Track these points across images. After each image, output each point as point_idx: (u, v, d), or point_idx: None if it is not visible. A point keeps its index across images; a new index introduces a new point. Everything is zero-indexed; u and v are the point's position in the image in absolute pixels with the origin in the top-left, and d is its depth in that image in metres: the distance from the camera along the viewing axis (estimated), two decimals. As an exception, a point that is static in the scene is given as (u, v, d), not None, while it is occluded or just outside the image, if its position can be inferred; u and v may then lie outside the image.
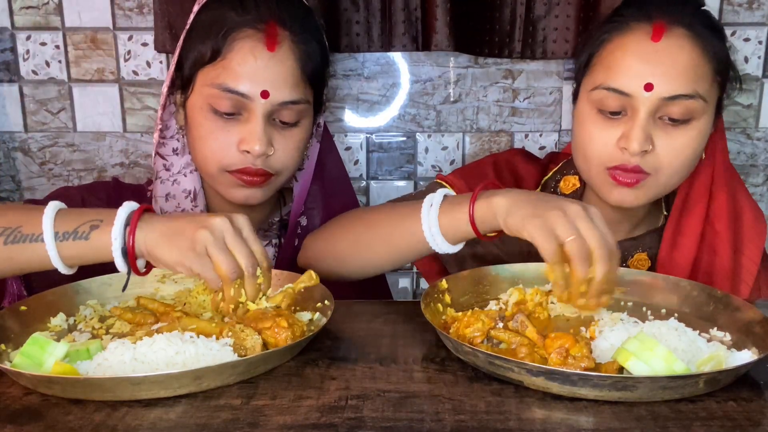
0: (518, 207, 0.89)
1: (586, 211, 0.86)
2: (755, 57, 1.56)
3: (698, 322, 0.92)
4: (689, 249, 1.14)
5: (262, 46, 1.05)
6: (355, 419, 0.69)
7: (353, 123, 1.61)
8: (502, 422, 0.69)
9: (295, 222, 1.22)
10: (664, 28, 1.02)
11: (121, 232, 0.85)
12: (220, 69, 1.05)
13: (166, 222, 0.86)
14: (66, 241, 0.86)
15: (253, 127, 1.06)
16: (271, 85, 1.05)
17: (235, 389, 0.75)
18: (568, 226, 0.84)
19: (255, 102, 1.05)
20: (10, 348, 0.83)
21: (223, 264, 0.83)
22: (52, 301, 0.94)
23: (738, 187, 1.18)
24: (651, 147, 1.03)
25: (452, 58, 1.56)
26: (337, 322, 0.93)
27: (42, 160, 1.61)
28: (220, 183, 1.11)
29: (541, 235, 0.85)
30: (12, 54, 1.55)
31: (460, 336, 0.83)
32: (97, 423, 0.69)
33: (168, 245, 0.84)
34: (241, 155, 1.07)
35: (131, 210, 0.86)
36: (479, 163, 1.30)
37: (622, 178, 1.05)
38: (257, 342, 0.80)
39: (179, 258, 0.83)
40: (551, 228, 0.85)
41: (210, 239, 0.83)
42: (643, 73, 1.02)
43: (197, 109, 1.08)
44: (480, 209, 0.93)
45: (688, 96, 1.02)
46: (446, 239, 0.97)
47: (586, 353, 0.76)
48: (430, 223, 0.97)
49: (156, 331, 0.86)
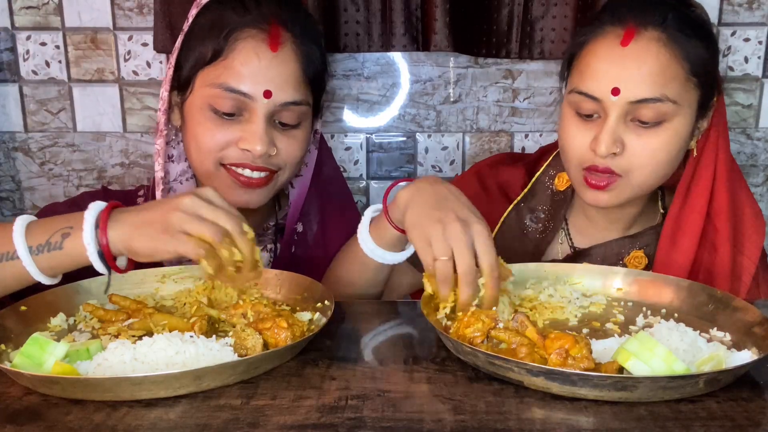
0: (412, 205, 0.93)
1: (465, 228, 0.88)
2: (755, 57, 1.56)
3: (698, 322, 0.92)
4: (689, 247, 1.14)
5: (264, 46, 1.05)
6: (355, 419, 0.69)
7: (353, 123, 1.60)
8: (502, 422, 0.69)
9: (292, 228, 1.21)
10: (635, 31, 1.04)
11: (93, 235, 0.84)
12: (221, 69, 1.05)
13: (136, 214, 0.85)
14: (41, 254, 0.85)
15: (254, 127, 1.05)
16: (273, 86, 1.05)
17: (235, 389, 0.75)
18: (443, 245, 0.87)
19: (257, 102, 1.05)
20: (10, 348, 0.83)
21: (206, 231, 0.82)
22: (52, 301, 0.94)
23: (739, 184, 1.18)
24: (620, 149, 1.05)
25: (452, 58, 1.56)
26: (337, 322, 0.93)
27: (42, 160, 1.61)
28: (217, 183, 1.09)
29: (419, 246, 0.90)
30: (12, 54, 1.55)
31: (460, 336, 0.83)
32: (97, 423, 0.69)
33: (142, 236, 0.83)
34: (240, 152, 1.06)
35: (99, 210, 0.85)
36: (464, 175, 1.34)
37: (593, 180, 1.09)
38: (258, 342, 0.80)
39: (155, 245, 0.82)
40: (428, 241, 0.88)
41: (184, 218, 0.82)
42: (611, 78, 1.04)
43: (196, 108, 1.07)
44: (392, 208, 0.98)
45: (655, 99, 1.04)
46: (386, 248, 1.02)
47: (586, 354, 0.76)
48: (365, 240, 1.02)
49: (128, 327, 0.88)
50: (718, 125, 1.14)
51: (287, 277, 1.01)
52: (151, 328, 0.88)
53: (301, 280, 1.00)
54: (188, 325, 0.85)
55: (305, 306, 0.96)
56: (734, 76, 1.57)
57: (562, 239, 1.24)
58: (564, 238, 1.24)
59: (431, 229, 0.88)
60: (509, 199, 1.26)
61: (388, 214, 0.99)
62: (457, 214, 0.89)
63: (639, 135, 1.06)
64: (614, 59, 1.05)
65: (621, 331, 0.91)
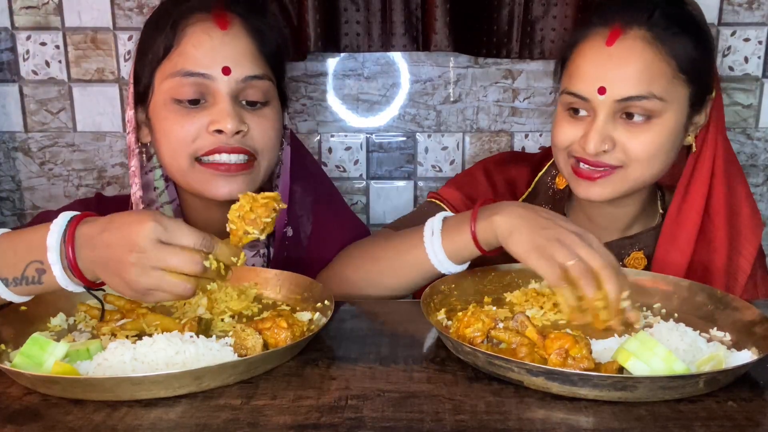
0: (518, 231, 0.94)
1: (582, 238, 0.90)
2: (755, 57, 1.56)
3: (698, 322, 0.92)
4: (687, 245, 1.15)
5: (213, 25, 1.04)
6: (355, 419, 0.69)
7: (353, 123, 1.60)
8: (502, 422, 0.69)
9: (282, 232, 1.18)
10: (620, 31, 1.06)
11: (63, 275, 0.80)
12: (175, 58, 1.04)
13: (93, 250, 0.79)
14: (19, 286, 0.82)
15: (220, 106, 1.03)
16: (230, 61, 1.03)
17: (235, 389, 0.75)
18: (567, 252, 0.88)
19: (218, 81, 1.03)
20: (10, 348, 0.84)
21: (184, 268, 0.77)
22: (52, 301, 0.94)
23: (738, 180, 1.18)
24: (610, 147, 1.07)
25: (452, 58, 1.56)
26: (337, 322, 0.93)
27: (42, 160, 1.61)
28: (195, 179, 1.06)
29: (542, 265, 0.89)
30: (12, 54, 1.55)
31: (460, 336, 0.83)
32: (97, 423, 0.69)
33: (109, 277, 0.79)
34: (212, 137, 1.03)
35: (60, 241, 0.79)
36: (470, 171, 1.33)
37: (584, 171, 1.10)
38: (258, 342, 0.80)
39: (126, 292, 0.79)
40: (551, 256, 0.89)
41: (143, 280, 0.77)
42: (597, 78, 1.06)
43: (160, 106, 1.06)
44: (481, 230, 0.98)
45: (641, 97, 1.05)
46: (453, 261, 1.01)
47: (586, 354, 0.76)
48: (435, 250, 1.01)
49: (120, 327, 0.88)
50: (716, 121, 1.14)
51: (287, 277, 1.01)
52: (144, 328, 0.88)
53: (301, 280, 1.00)
54: (180, 326, 0.85)
55: (305, 306, 0.96)
56: (734, 76, 1.57)
57: None
58: None
59: (549, 246, 0.90)
60: (516, 197, 1.27)
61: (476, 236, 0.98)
62: (568, 229, 0.92)
63: (629, 130, 1.07)
64: (600, 59, 1.07)
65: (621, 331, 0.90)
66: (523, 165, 1.30)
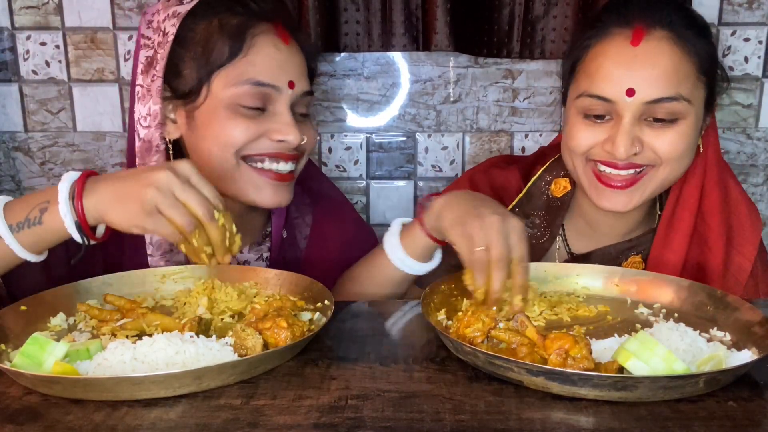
0: (449, 209, 0.97)
1: (502, 221, 0.91)
2: (755, 57, 1.56)
3: (698, 322, 0.92)
4: (680, 245, 1.14)
5: (279, 39, 1.07)
6: (355, 419, 0.69)
7: (353, 123, 1.60)
8: (502, 422, 0.69)
9: (278, 235, 1.20)
10: (644, 31, 1.03)
11: (69, 207, 0.86)
12: (243, 66, 1.04)
13: (112, 184, 0.87)
14: (22, 230, 0.88)
15: (284, 118, 1.06)
16: (294, 76, 1.07)
17: (235, 389, 0.75)
18: (482, 235, 0.90)
19: (282, 93, 1.06)
20: (10, 348, 0.83)
21: (177, 219, 0.84)
22: (52, 301, 0.94)
23: (730, 181, 1.18)
24: (639, 149, 1.05)
25: (452, 58, 1.56)
26: (337, 322, 0.93)
27: (42, 160, 1.61)
28: (241, 179, 1.07)
29: (459, 242, 0.93)
30: (12, 54, 1.55)
31: (460, 336, 0.83)
32: (97, 423, 0.69)
33: (118, 209, 0.85)
34: (272, 144, 1.07)
35: (73, 180, 0.88)
36: (457, 182, 1.35)
37: (609, 178, 1.08)
38: (258, 342, 0.80)
39: (132, 220, 0.85)
40: (469, 235, 0.91)
41: (158, 197, 0.84)
42: (624, 79, 1.03)
43: (218, 109, 1.04)
44: (427, 218, 1.01)
45: (670, 98, 1.03)
46: (416, 259, 1.04)
47: (586, 354, 0.76)
48: (395, 250, 1.05)
49: (120, 327, 0.88)
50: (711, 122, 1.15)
51: (287, 277, 1.01)
52: (143, 328, 0.88)
53: (301, 280, 1.00)
54: (180, 325, 0.85)
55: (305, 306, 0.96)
56: (734, 76, 1.57)
57: (559, 245, 1.24)
58: (561, 244, 1.23)
59: (470, 224, 0.92)
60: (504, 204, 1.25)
61: (423, 222, 1.01)
62: (494, 210, 0.94)
63: (655, 131, 1.05)
64: (626, 60, 1.04)
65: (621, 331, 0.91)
66: (513, 169, 1.28)
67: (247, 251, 1.19)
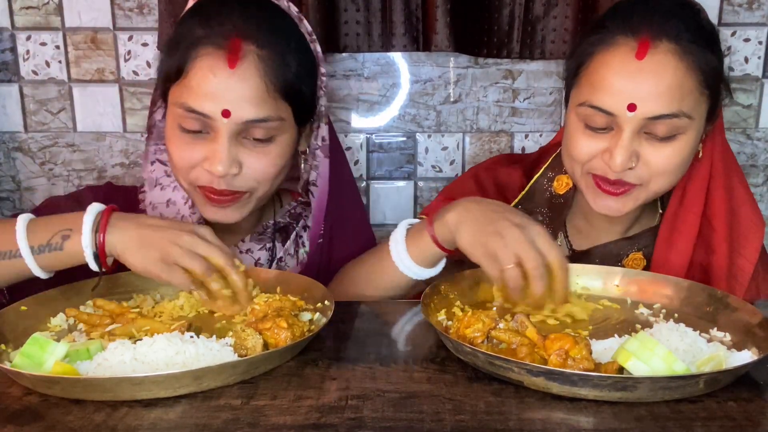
0: (465, 225, 0.96)
1: (524, 232, 0.91)
2: (755, 57, 1.56)
3: (698, 322, 0.92)
4: (685, 247, 1.14)
5: (222, 63, 0.99)
6: (355, 419, 0.69)
7: (353, 123, 1.61)
8: (502, 422, 0.69)
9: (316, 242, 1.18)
10: (649, 44, 1.01)
11: (91, 239, 0.90)
12: (183, 88, 1.02)
13: (136, 228, 0.91)
14: (42, 253, 0.92)
15: (217, 146, 1.01)
16: (232, 104, 1.00)
17: (235, 389, 0.75)
18: (507, 253, 0.91)
19: (218, 122, 1.00)
20: (10, 348, 0.83)
21: (196, 267, 0.90)
22: (52, 302, 0.94)
23: (737, 183, 1.17)
24: (634, 164, 1.05)
25: (452, 59, 1.56)
26: (337, 322, 0.93)
27: (42, 160, 1.61)
28: (193, 198, 1.10)
29: (485, 263, 0.93)
30: (12, 54, 1.55)
31: (460, 336, 0.83)
32: (97, 423, 0.69)
33: (138, 254, 0.90)
34: (206, 174, 1.04)
35: (98, 213, 0.92)
36: (461, 179, 1.33)
37: (606, 186, 1.08)
38: (258, 342, 0.80)
39: (148, 267, 0.90)
40: (493, 254, 0.91)
41: (180, 253, 0.89)
42: (626, 93, 1.01)
43: (170, 124, 1.06)
44: (439, 229, 1.00)
45: (671, 115, 1.02)
46: (422, 266, 1.03)
47: (586, 355, 0.76)
48: (401, 257, 1.03)
49: (109, 332, 0.88)
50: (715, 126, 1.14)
51: (287, 277, 1.01)
52: (133, 333, 0.87)
53: (301, 280, 1.00)
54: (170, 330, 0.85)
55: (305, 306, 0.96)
56: (734, 76, 1.57)
57: (561, 242, 1.24)
58: (562, 241, 1.24)
59: (491, 242, 0.92)
60: (507, 201, 1.25)
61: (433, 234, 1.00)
62: (512, 221, 0.93)
63: (653, 146, 1.04)
64: (629, 73, 1.01)
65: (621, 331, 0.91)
66: (515, 168, 1.28)
67: (249, 240, 1.19)
